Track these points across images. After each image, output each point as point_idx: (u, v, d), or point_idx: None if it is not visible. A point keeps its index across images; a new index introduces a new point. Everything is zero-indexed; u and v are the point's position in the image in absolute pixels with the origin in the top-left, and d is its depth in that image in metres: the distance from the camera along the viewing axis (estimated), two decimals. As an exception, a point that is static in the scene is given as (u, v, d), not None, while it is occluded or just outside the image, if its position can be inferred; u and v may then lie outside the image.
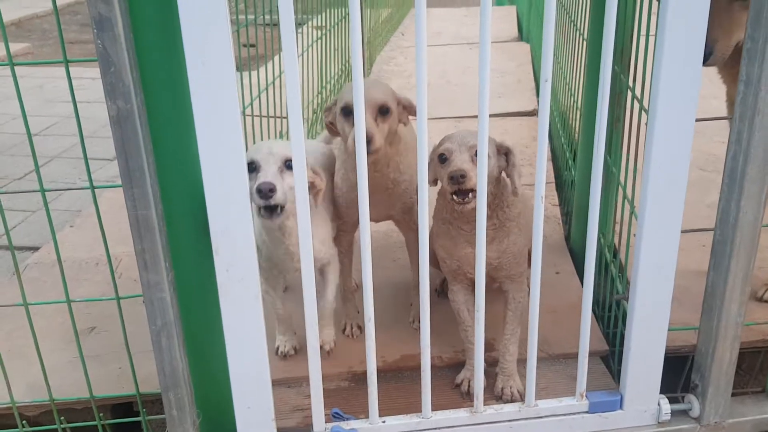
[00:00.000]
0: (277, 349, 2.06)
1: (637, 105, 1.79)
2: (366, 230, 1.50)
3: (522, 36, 6.14)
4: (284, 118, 3.15)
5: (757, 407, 1.80)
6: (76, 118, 1.49)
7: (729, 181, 1.55)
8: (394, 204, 2.03)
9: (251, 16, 2.79)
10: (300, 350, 2.06)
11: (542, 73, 1.47)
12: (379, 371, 1.91)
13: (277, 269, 1.94)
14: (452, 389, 1.90)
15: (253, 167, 1.67)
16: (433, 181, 1.76)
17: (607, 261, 2.09)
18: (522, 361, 1.79)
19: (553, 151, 3.49)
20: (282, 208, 1.66)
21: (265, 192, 1.61)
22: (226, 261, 1.48)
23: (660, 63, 1.43)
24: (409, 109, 1.90)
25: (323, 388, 1.87)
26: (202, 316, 1.58)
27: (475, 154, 1.65)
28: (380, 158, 1.88)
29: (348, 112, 1.79)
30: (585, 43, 2.55)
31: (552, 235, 2.62)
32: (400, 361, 1.96)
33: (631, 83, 1.87)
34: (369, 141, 1.73)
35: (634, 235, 1.63)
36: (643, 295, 1.63)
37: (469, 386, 1.87)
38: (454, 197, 1.66)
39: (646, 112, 1.63)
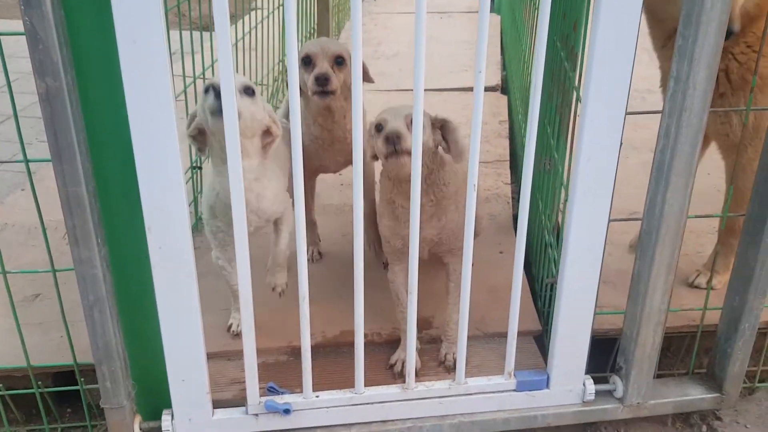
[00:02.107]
0: (230, 326, 2.06)
1: (571, 90, 1.82)
2: (300, 201, 1.52)
3: (494, 7, 6.11)
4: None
5: (679, 389, 1.88)
6: (9, 92, 1.48)
7: (656, 173, 1.59)
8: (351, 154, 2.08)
9: None
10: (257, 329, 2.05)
11: (476, 64, 1.48)
12: (318, 346, 1.97)
13: (226, 231, 1.91)
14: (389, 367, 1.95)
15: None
16: (373, 156, 1.79)
17: (547, 243, 2.14)
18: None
19: (511, 128, 3.51)
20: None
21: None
22: (158, 239, 1.49)
23: (593, 50, 1.46)
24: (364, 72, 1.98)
25: (262, 362, 1.92)
26: (137, 290, 1.59)
27: (410, 123, 1.64)
28: (337, 110, 2.09)
29: (307, 61, 2.01)
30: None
31: (500, 213, 2.66)
32: (339, 336, 2.00)
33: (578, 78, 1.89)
34: (326, 81, 1.96)
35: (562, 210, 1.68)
36: (570, 279, 1.68)
37: (402, 367, 1.90)
38: (388, 159, 1.68)
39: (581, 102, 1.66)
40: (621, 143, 1.56)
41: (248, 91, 1.70)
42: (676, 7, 1.49)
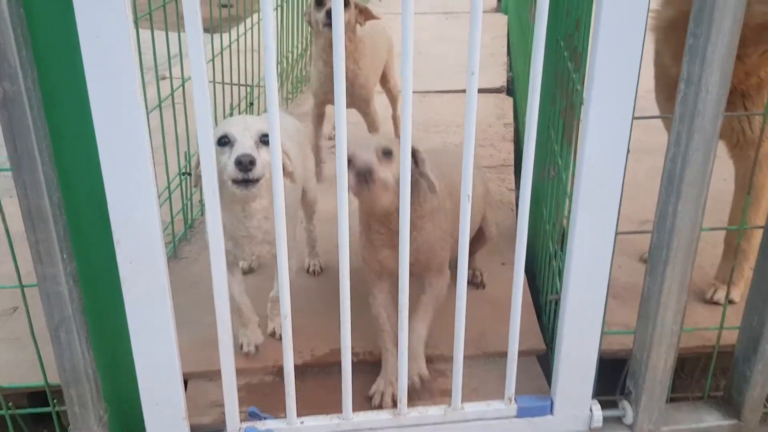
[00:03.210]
0: (241, 345, 1.92)
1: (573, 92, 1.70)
2: (281, 221, 1.41)
3: (501, 7, 5.98)
4: (243, 85, 3.04)
5: (694, 415, 1.75)
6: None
7: (667, 183, 1.47)
8: (354, 93, 2.66)
9: None
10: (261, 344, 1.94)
11: (469, 65, 1.37)
12: (306, 366, 1.86)
13: (233, 254, 1.83)
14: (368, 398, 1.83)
15: (225, 141, 1.61)
16: (353, 191, 1.71)
17: (551, 254, 2.02)
18: (449, 359, 1.72)
19: (517, 131, 3.39)
20: (257, 180, 1.59)
21: (245, 164, 1.55)
22: (128, 252, 1.38)
23: (596, 46, 1.34)
24: (364, 12, 2.61)
25: (245, 383, 1.81)
26: (108, 308, 1.49)
27: (383, 154, 1.63)
28: None
29: (319, 2, 2.48)
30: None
31: (503, 222, 2.54)
32: (329, 355, 1.88)
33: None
34: (329, 14, 2.35)
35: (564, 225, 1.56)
36: (575, 296, 1.56)
37: (381, 400, 1.76)
38: (362, 194, 1.60)
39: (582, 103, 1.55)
40: (628, 150, 1.44)
41: (267, 141, 1.54)
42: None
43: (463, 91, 1.42)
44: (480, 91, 4.06)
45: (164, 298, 1.42)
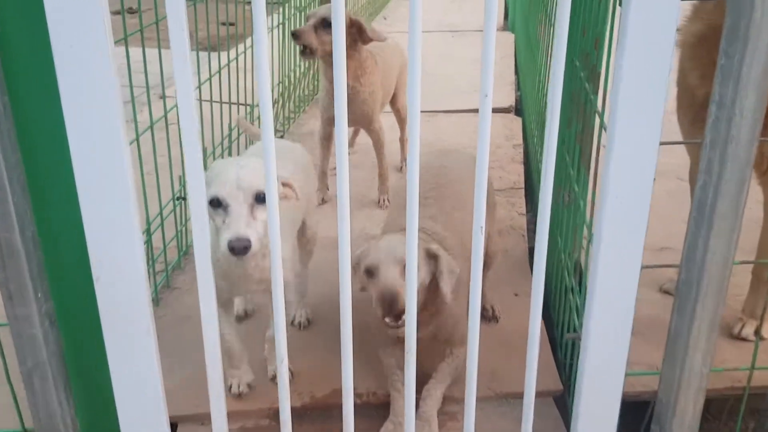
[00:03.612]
0: (230, 387, 1.79)
1: (593, 117, 1.58)
2: (277, 263, 1.29)
3: (508, 25, 5.90)
4: (242, 104, 2.94)
5: (723, 460, 1.62)
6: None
7: (697, 215, 1.35)
8: (356, 111, 2.65)
9: None
10: (257, 390, 1.81)
11: (482, 87, 1.25)
12: (305, 408, 1.73)
13: (229, 292, 1.72)
14: None
15: (217, 203, 1.46)
16: (361, 289, 1.63)
17: (568, 286, 1.89)
18: (460, 401, 1.60)
19: (526, 153, 3.28)
20: (254, 254, 1.48)
21: (239, 251, 1.42)
22: (109, 291, 1.27)
23: (620, 68, 1.22)
24: (360, 30, 2.52)
25: (239, 427, 1.69)
26: (90, 351, 1.38)
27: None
28: None
29: (326, 24, 2.43)
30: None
31: (514, 249, 2.42)
32: (330, 396, 1.75)
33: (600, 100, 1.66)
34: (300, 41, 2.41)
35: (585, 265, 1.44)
36: (597, 336, 1.43)
37: None
38: (387, 320, 1.49)
39: (605, 129, 1.43)
40: (654, 178, 1.33)
41: (263, 199, 1.45)
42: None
43: (472, 111, 1.31)
44: (488, 111, 3.85)
45: (148, 341, 1.30)
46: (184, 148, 1.17)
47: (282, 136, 3.56)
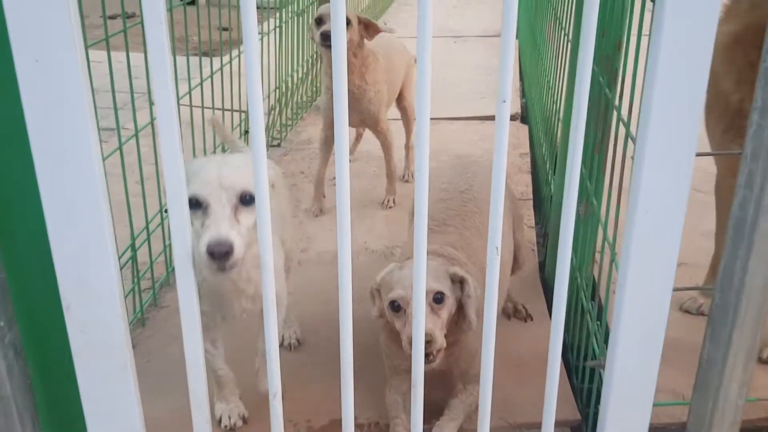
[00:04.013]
0: (219, 419, 1.66)
1: (617, 126, 1.46)
2: (270, 285, 1.16)
3: (511, 30, 5.78)
4: (237, 111, 2.82)
5: (757, 500, 1.49)
6: None
7: (734, 234, 1.22)
8: (362, 110, 2.62)
9: None
10: (249, 418, 1.68)
11: (499, 92, 1.12)
12: (302, 440, 1.59)
13: (220, 313, 1.56)
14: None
15: (196, 203, 1.28)
16: (380, 316, 1.52)
17: (585, 308, 1.76)
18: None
19: (533, 161, 3.15)
20: (237, 263, 1.28)
21: (219, 255, 1.23)
22: (80, 320, 1.13)
23: (654, 73, 1.10)
24: (369, 27, 2.52)
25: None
26: (62, 384, 1.24)
27: (434, 300, 1.43)
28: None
29: (318, 21, 2.44)
30: (570, 43, 2.21)
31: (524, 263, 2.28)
32: (328, 427, 1.62)
33: (619, 102, 1.53)
34: (327, 37, 2.31)
35: (614, 292, 1.31)
36: (623, 366, 1.30)
37: None
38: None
39: (633, 140, 1.30)
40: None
41: (249, 200, 1.29)
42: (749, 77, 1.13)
43: (476, 118, 1.17)
44: (491, 118, 3.81)
45: (126, 375, 1.17)
46: (162, 158, 1.04)
47: (279, 144, 3.44)
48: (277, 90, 3.43)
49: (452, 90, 4.03)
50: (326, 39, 2.28)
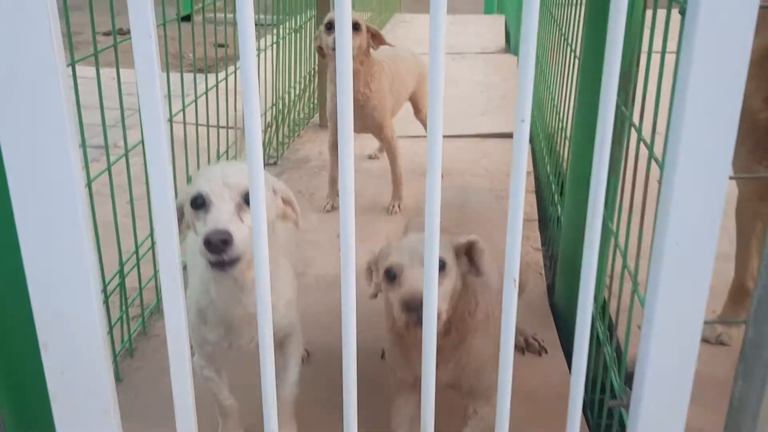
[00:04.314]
0: None
1: (638, 145, 1.37)
2: (267, 321, 1.06)
3: (509, 47, 5.73)
4: (233, 128, 2.73)
5: None
6: None
7: (771, 263, 1.12)
8: (366, 117, 2.66)
9: (229, 15, 2.48)
10: None
11: (517, 112, 1.03)
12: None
13: (226, 341, 1.46)
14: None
15: (200, 202, 1.23)
16: (374, 294, 1.41)
17: (600, 337, 1.66)
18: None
19: (537, 180, 3.06)
20: (238, 258, 1.21)
21: (216, 245, 1.17)
22: (59, 360, 1.03)
23: (684, 91, 1.01)
24: (376, 37, 2.59)
25: None
26: (41, 424, 1.14)
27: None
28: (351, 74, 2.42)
29: (329, 27, 2.51)
30: (576, 60, 2.13)
31: (532, 289, 2.19)
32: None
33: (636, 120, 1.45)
34: None
35: (639, 326, 1.21)
36: (649, 410, 1.20)
37: None
38: (410, 329, 1.27)
39: (659, 163, 1.22)
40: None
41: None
42: None
43: (477, 136, 1.07)
44: (494, 136, 3.71)
45: (109, 421, 1.07)
46: (149, 177, 0.94)
47: (275, 163, 3.35)
48: (274, 107, 3.34)
49: (452, 107, 3.95)
50: None
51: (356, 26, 2.44)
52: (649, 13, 1.44)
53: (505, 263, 1.11)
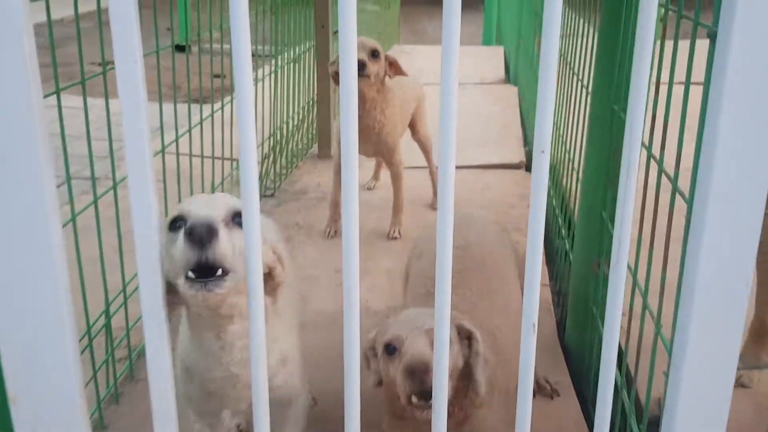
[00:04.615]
0: None
1: (659, 178, 1.29)
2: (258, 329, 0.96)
3: (509, 77, 5.70)
4: (228, 159, 2.66)
5: None
6: None
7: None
8: (379, 142, 2.72)
9: (225, 46, 2.43)
10: None
11: (536, 142, 0.96)
12: None
13: (215, 401, 1.30)
14: None
15: (179, 225, 1.04)
16: (378, 382, 1.33)
17: (618, 382, 1.56)
18: None
19: (542, 213, 2.98)
20: (225, 273, 1.03)
21: (199, 236, 0.98)
22: (29, 416, 0.93)
23: (716, 127, 0.93)
24: (393, 66, 2.62)
25: None
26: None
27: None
28: (369, 99, 2.57)
29: None
30: (585, 91, 2.06)
31: (540, 327, 2.08)
32: None
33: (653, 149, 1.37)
34: (363, 66, 2.42)
35: (664, 373, 1.12)
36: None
37: None
38: (413, 400, 1.17)
39: (684, 198, 1.14)
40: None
41: (239, 220, 1.05)
42: None
43: (478, 167, 1.00)
44: (496, 167, 3.63)
45: (85, 484, 0.96)
46: (132, 212, 0.86)
47: (273, 195, 3.26)
48: (271, 138, 3.27)
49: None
50: (359, 69, 2.29)
51: (376, 54, 2.50)
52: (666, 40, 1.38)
53: (524, 305, 1.03)
